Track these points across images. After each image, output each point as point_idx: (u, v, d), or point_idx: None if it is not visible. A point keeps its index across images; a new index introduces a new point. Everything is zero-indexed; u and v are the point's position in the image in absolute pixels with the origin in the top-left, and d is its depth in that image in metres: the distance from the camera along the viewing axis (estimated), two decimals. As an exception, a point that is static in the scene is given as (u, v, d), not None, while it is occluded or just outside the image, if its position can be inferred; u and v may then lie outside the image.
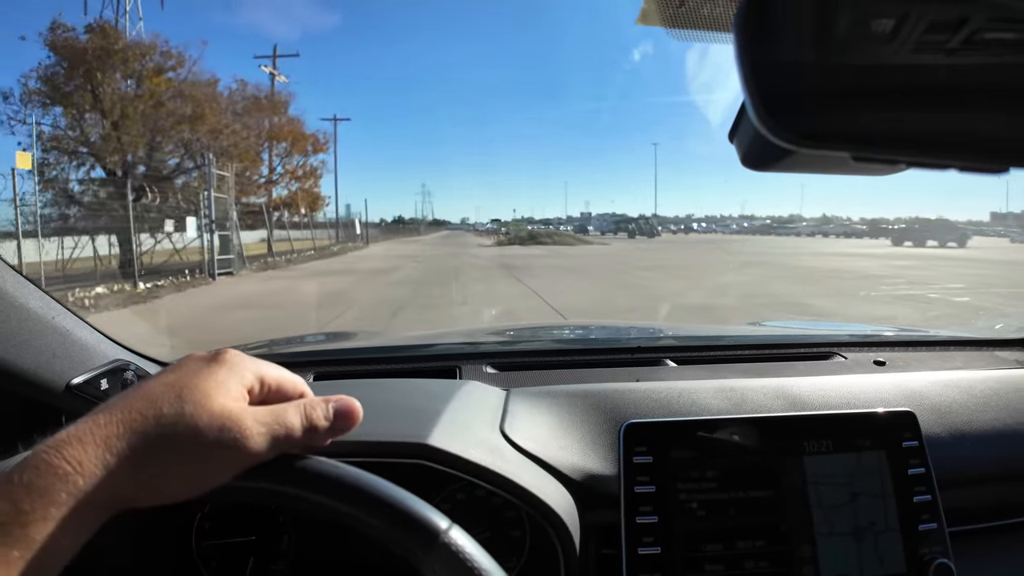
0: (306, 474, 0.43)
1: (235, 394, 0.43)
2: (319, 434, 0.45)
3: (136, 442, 0.38)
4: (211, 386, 0.42)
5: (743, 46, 0.34)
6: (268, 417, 0.43)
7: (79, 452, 0.37)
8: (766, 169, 0.45)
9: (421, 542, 0.41)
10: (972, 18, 0.34)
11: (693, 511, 0.66)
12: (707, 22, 0.47)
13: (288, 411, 0.44)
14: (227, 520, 0.70)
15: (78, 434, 0.37)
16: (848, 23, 0.36)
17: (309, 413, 0.45)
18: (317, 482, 0.43)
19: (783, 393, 0.82)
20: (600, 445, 0.73)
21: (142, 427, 0.39)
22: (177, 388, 0.41)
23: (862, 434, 0.70)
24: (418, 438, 0.63)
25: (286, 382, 0.47)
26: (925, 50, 0.36)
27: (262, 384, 0.46)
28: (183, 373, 0.43)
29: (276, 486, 0.43)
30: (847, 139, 0.36)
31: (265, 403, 0.45)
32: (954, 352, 1.17)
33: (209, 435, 0.40)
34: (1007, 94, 0.37)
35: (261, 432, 0.42)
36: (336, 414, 0.46)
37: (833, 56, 0.36)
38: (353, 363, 1.06)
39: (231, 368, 0.44)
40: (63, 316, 0.76)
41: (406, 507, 0.42)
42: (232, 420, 0.41)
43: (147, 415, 0.39)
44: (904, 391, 0.85)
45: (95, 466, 0.37)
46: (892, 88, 0.37)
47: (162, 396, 0.40)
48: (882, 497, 0.68)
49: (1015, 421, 0.83)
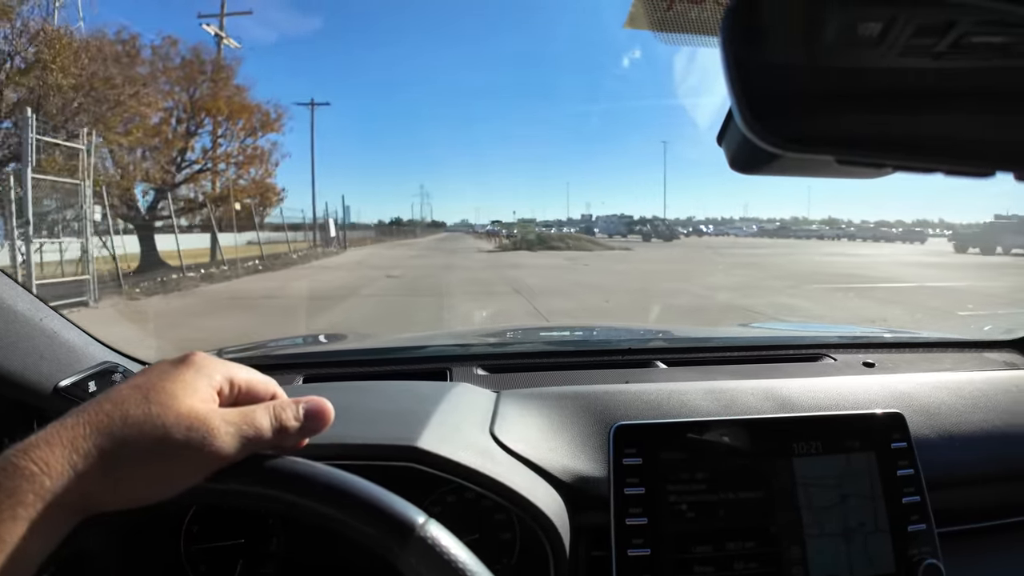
0: (277, 473, 0.43)
1: (203, 395, 0.43)
2: (290, 435, 0.45)
3: (103, 443, 0.38)
4: (178, 387, 0.42)
5: (729, 50, 0.34)
6: (237, 418, 0.43)
7: (46, 454, 0.37)
8: (754, 172, 0.45)
9: (396, 537, 0.40)
10: (959, 22, 0.34)
11: (683, 513, 0.65)
12: (695, 25, 0.47)
13: (257, 412, 0.44)
14: (216, 523, 0.70)
15: (46, 437, 0.38)
16: (836, 27, 0.36)
17: (279, 414, 0.45)
18: (289, 481, 0.42)
19: (773, 395, 0.82)
20: (590, 447, 0.73)
21: (108, 428, 0.39)
22: (144, 390, 0.41)
23: (851, 436, 0.70)
24: (407, 440, 0.63)
25: (256, 383, 0.47)
26: (912, 54, 0.36)
27: (232, 385, 0.46)
28: (151, 376, 0.43)
29: (247, 487, 0.42)
30: (833, 143, 0.36)
31: (236, 405, 0.45)
32: (943, 354, 1.18)
33: (176, 436, 0.40)
34: (994, 98, 0.37)
35: (229, 432, 0.42)
36: (307, 415, 0.46)
37: (820, 60, 0.36)
38: (343, 365, 1.06)
39: (199, 370, 0.44)
40: (51, 318, 0.76)
41: (379, 502, 0.41)
42: (199, 420, 0.41)
43: (114, 417, 0.39)
44: (893, 393, 0.86)
45: (62, 467, 0.37)
46: (879, 92, 0.37)
47: (129, 398, 0.40)
48: (871, 498, 0.68)
49: (1004, 422, 0.83)
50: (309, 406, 0.47)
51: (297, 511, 0.42)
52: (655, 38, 0.47)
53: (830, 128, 0.36)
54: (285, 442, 0.45)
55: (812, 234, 45.62)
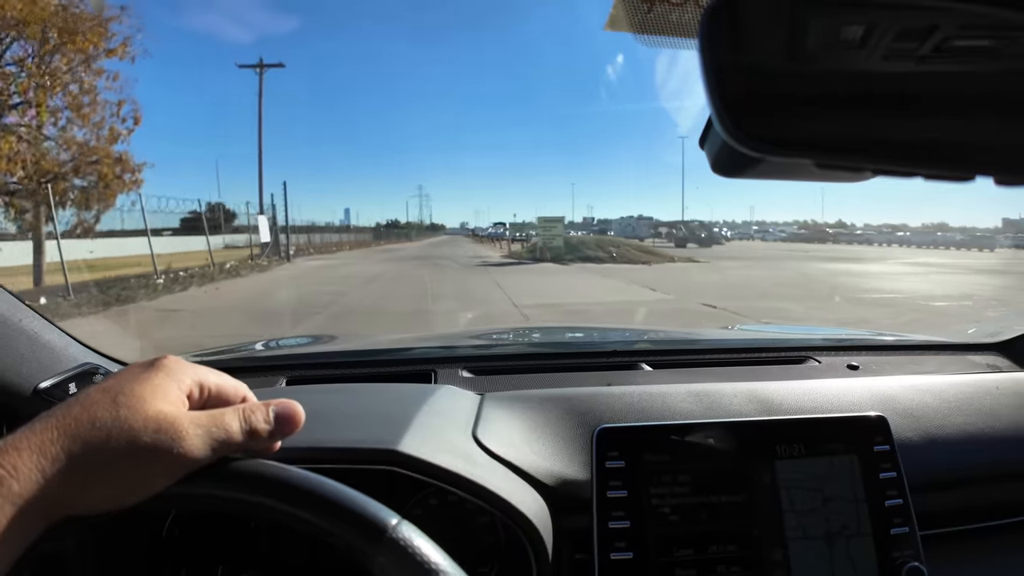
0: (247, 476, 0.42)
1: (172, 398, 0.43)
2: (260, 438, 0.45)
3: (71, 447, 0.38)
4: (147, 390, 0.42)
5: (707, 53, 0.34)
6: (206, 420, 0.43)
7: (14, 458, 0.37)
8: (736, 176, 0.45)
9: (368, 538, 0.40)
10: (942, 25, 0.34)
11: (666, 516, 0.65)
12: (676, 28, 0.47)
13: (226, 415, 0.44)
14: (196, 527, 0.69)
15: (15, 441, 0.38)
16: (817, 31, 0.36)
17: (248, 416, 0.45)
18: (259, 484, 0.42)
19: (756, 397, 0.82)
20: (574, 450, 0.72)
21: (76, 432, 0.39)
22: (113, 393, 0.41)
23: (834, 438, 0.70)
24: (387, 444, 0.62)
25: (227, 387, 0.47)
26: (895, 57, 0.36)
27: (202, 389, 0.46)
28: (120, 379, 0.43)
29: (217, 490, 0.42)
30: (812, 147, 0.36)
31: (206, 408, 0.45)
32: (927, 356, 1.19)
33: (144, 439, 0.40)
34: (975, 101, 0.37)
35: (198, 435, 0.41)
36: (277, 418, 0.46)
37: (801, 63, 0.36)
38: (327, 367, 1.05)
39: (168, 373, 0.44)
40: (31, 319, 0.75)
41: (350, 503, 0.41)
42: (168, 423, 0.41)
43: (82, 420, 0.39)
44: (876, 395, 0.86)
45: (30, 471, 0.37)
46: (861, 95, 0.37)
47: (98, 402, 0.40)
48: (854, 501, 0.68)
49: (987, 425, 0.84)
50: (279, 409, 0.47)
51: (269, 514, 0.42)
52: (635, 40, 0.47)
53: (809, 132, 0.36)
54: (256, 445, 0.45)
55: (856, 239, 38.89)
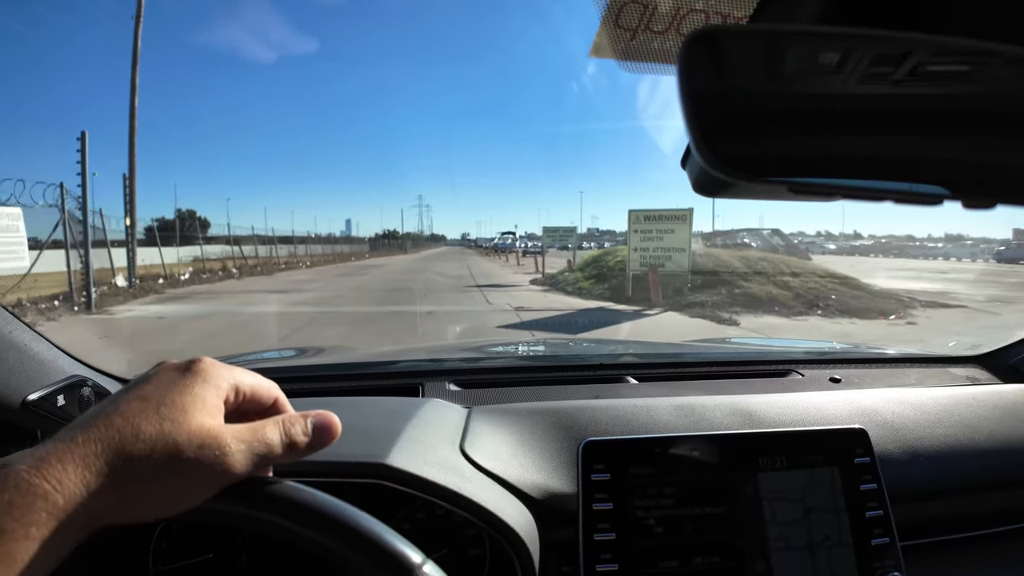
0: (283, 501, 0.42)
1: (212, 408, 0.42)
2: (298, 450, 0.45)
3: (115, 461, 0.38)
4: (188, 401, 0.41)
5: (686, 81, 0.36)
6: (248, 435, 0.42)
7: (59, 472, 0.36)
8: (716, 196, 0.46)
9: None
10: (915, 52, 0.36)
11: (651, 528, 0.66)
12: (658, 55, 0.49)
13: (267, 428, 0.44)
14: (184, 539, 0.69)
15: (57, 452, 0.37)
16: (795, 58, 0.38)
17: (288, 429, 0.45)
18: (290, 508, 0.42)
19: (740, 410, 0.83)
20: (560, 463, 0.73)
21: (120, 445, 0.38)
22: (154, 403, 0.40)
23: (815, 451, 0.71)
24: (376, 458, 0.63)
25: (260, 389, 0.47)
26: (871, 81, 0.37)
27: (237, 392, 0.45)
28: (159, 386, 0.42)
29: (252, 511, 0.42)
30: (784, 173, 0.37)
31: (240, 411, 0.45)
32: (908, 369, 1.21)
33: (188, 454, 0.39)
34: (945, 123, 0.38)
35: (241, 450, 0.41)
36: (315, 429, 0.46)
37: (777, 91, 0.38)
38: (315, 380, 1.05)
39: (206, 379, 0.43)
40: (20, 330, 0.75)
41: (381, 540, 0.42)
42: (211, 438, 0.40)
43: (125, 432, 0.39)
44: (858, 408, 0.88)
45: (75, 485, 0.36)
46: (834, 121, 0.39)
47: (140, 413, 0.40)
48: (835, 512, 0.69)
49: (967, 437, 0.85)
50: (318, 420, 0.47)
51: (290, 536, 0.42)
52: (619, 67, 0.49)
53: (781, 159, 0.37)
54: (293, 457, 0.45)
55: (932, 252, 33.62)
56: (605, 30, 0.49)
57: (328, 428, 0.47)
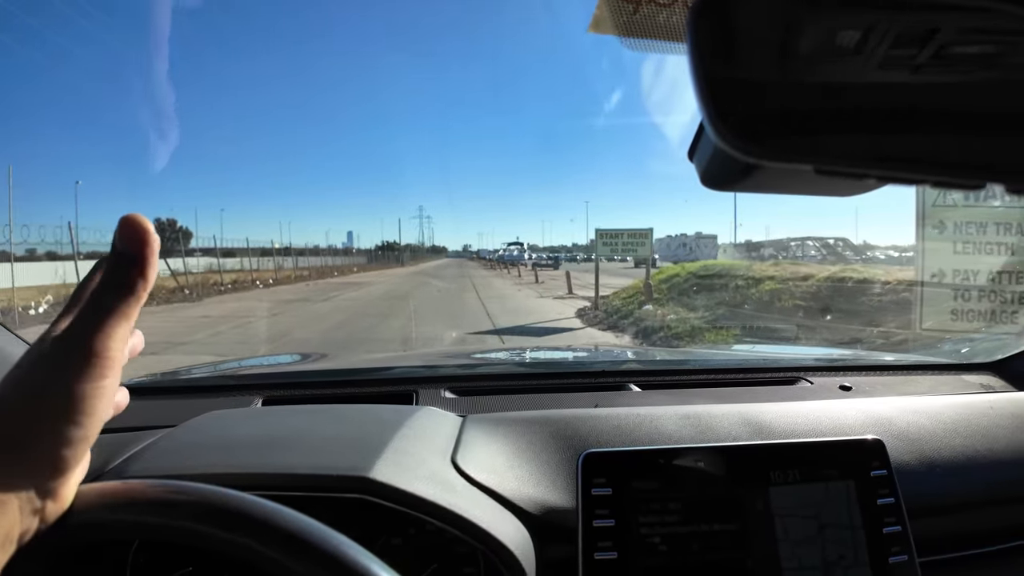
0: (226, 513, 0.40)
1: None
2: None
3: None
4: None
5: (696, 55, 0.32)
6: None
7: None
8: (727, 188, 0.42)
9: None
10: (942, 29, 0.32)
11: (655, 546, 0.62)
12: (663, 31, 0.45)
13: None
14: (163, 554, 0.65)
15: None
16: (812, 33, 0.34)
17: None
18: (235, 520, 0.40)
19: (748, 420, 0.79)
20: (558, 476, 0.69)
21: None
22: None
23: (829, 463, 0.67)
24: (359, 471, 0.59)
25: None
26: (891, 66, 0.34)
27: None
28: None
29: (186, 523, 0.39)
30: (810, 152, 0.34)
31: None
32: (920, 376, 1.17)
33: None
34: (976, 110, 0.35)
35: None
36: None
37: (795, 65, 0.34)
38: (306, 386, 1.02)
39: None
40: None
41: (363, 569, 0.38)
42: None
43: None
44: (871, 417, 0.84)
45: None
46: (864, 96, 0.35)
47: None
48: (851, 529, 0.65)
49: (985, 447, 0.82)
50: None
51: (248, 555, 0.40)
52: (621, 44, 0.45)
53: (810, 136, 0.34)
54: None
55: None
56: (606, 2, 0.45)
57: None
